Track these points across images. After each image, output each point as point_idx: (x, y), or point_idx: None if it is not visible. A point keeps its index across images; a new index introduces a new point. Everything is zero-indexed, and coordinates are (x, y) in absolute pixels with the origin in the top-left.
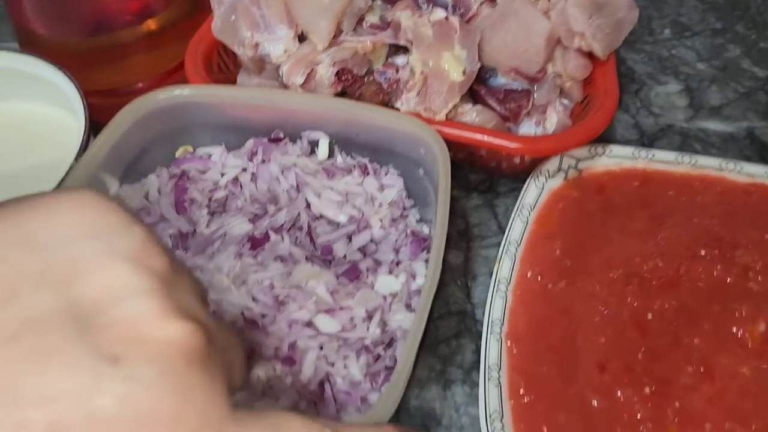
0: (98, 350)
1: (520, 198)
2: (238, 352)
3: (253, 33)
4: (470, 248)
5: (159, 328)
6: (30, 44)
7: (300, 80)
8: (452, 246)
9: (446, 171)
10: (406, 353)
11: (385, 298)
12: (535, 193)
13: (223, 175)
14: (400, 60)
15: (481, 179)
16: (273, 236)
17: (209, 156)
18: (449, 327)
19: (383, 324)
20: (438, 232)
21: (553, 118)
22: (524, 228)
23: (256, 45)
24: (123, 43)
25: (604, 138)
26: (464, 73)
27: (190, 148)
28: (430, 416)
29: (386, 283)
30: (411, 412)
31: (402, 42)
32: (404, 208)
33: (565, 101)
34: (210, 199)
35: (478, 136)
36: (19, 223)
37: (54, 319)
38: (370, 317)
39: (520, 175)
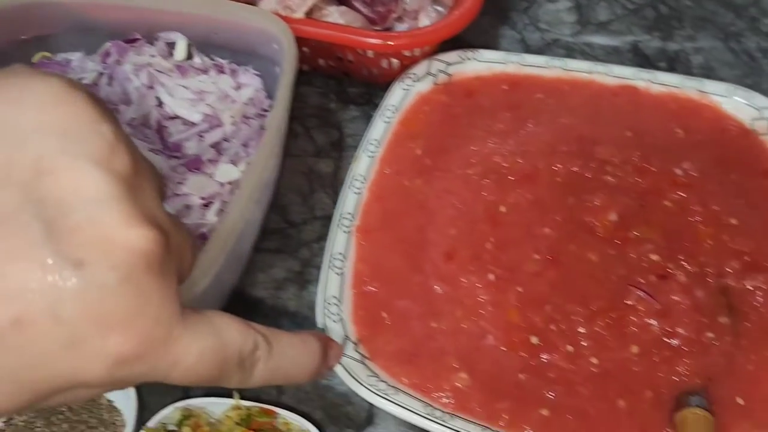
0: (63, 253)
1: (384, 99)
2: (188, 245)
3: None
4: (342, 158)
5: (122, 235)
6: None
7: None
8: (323, 155)
9: (290, 59)
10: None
11: (223, 185)
12: (400, 95)
13: (81, 79)
14: None
15: (360, 92)
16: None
17: (68, 61)
18: (312, 231)
19: (222, 213)
20: (276, 113)
21: (426, 24)
22: (386, 128)
23: None
24: None
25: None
26: None
27: (48, 54)
28: (285, 314)
29: (226, 171)
30: (266, 311)
31: None
32: (264, 108)
33: (438, 8)
34: None
35: (332, 32)
36: None
37: (19, 218)
38: (207, 205)
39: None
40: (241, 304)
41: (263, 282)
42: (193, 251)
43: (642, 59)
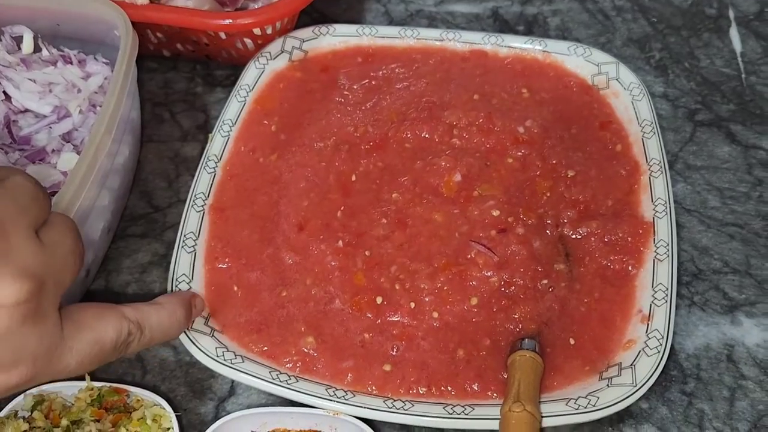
0: None
1: (239, 79)
2: (72, 258)
3: None
4: (207, 140)
5: None
6: None
7: None
8: (189, 139)
9: (127, 44)
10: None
11: (64, 174)
12: (255, 74)
13: None
14: None
15: (227, 74)
16: None
17: None
18: (177, 214)
19: None
20: (109, 100)
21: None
22: (241, 107)
23: None
24: None
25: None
26: None
27: None
28: (151, 297)
29: (67, 159)
30: (129, 297)
31: None
32: None
33: None
34: None
35: (172, 15)
36: None
37: None
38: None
39: None
40: (106, 291)
41: (128, 267)
42: (77, 251)
43: (502, 24)
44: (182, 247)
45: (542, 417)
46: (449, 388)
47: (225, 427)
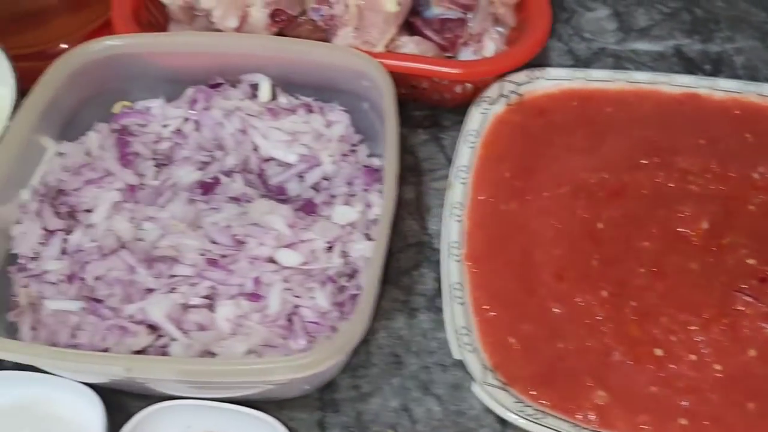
0: None
1: (464, 125)
2: None
3: None
4: (421, 182)
5: None
6: None
7: (234, 23)
8: (404, 182)
9: (390, 97)
10: (370, 277)
11: (343, 227)
12: (479, 119)
13: (165, 126)
14: None
15: (425, 115)
16: (224, 179)
17: (148, 109)
18: (409, 259)
19: (344, 255)
20: (390, 153)
21: (490, 46)
22: (471, 153)
23: None
24: (44, 3)
25: (540, 65)
26: (399, 4)
27: (128, 103)
28: (400, 344)
29: (343, 213)
30: (380, 342)
31: None
32: (353, 144)
33: (500, 29)
34: (154, 152)
35: (420, 65)
36: None
37: None
38: (330, 248)
39: (461, 107)
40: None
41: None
42: None
43: (687, 62)
44: (452, 299)
45: None
46: None
47: None
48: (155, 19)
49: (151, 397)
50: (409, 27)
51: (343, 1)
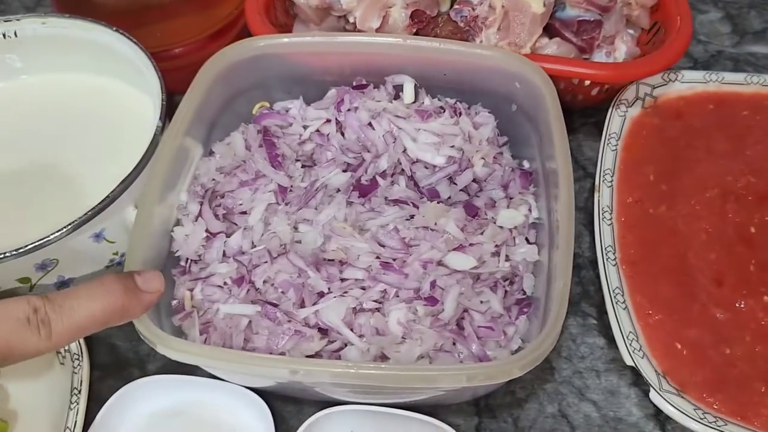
0: None
1: (605, 128)
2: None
3: None
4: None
5: None
6: (71, 5)
7: (376, 24)
8: None
9: (555, 101)
10: (562, 286)
11: (511, 231)
12: (619, 122)
13: (305, 128)
14: None
15: None
16: (382, 182)
17: (287, 110)
18: None
19: (507, 258)
20: (562, 157)
21: (622, 48)
22: (615, 156)
23: None
24: (167, 4)
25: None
26: (544, 4)
27: (267, 104)
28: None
29: (509, 216)
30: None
31: None
32: (499, 146)
33: (630, 30)
34: (299, 153)
35: (577, 68)
36: None
37: None
38: (497, 252)
39: (589, 108)
40: None
41: None
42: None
43: None
44: (616, 304)
45: None
46: None
47: None
48: (281, 19)
49: (304, 402)
50: (545, 28)
51: (487, 3)
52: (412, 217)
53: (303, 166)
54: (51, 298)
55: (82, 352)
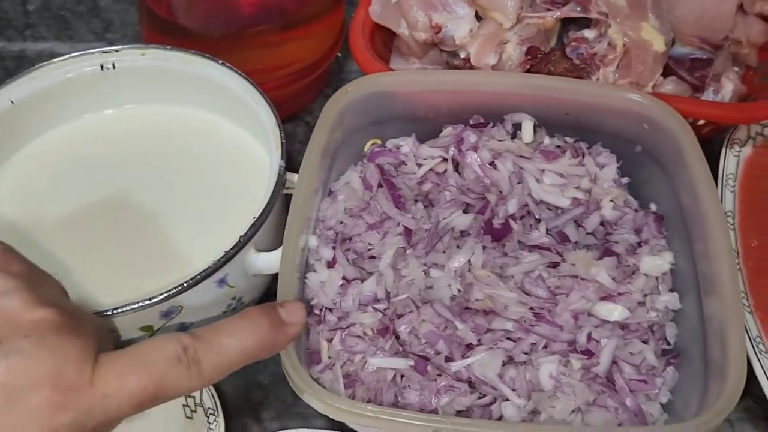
0: None
1: (722, 170)
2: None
3: (430, 14)
4: None
5: (28, 312)
6: (159, 34)
7: (493, 60)
8: None
9: (695, 144)
10: (739, 339)
11: (657, 279)
12: (734, 162)
13: (419, 166)
14: (587, 33)
15: None
16: (515, 226)
17: (398, 147)
18: None
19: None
20: (711, 204)
21: (728, 86)
22: (734, 198)
23: (436, 26)
24: (259, 39)
25: None
26: (665, 43)
27: (379, 141)
28: None
29: (653, 264)
30: None
31: (593, 15)
32: (619, 186)
33: (735, 68)
34: (414, 192)
35: (709, 110)
36: None
37: None
38: (643, 302)
39: None
40: None
41: None
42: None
43: None
44: (760, 353)
45: None
46: None
47: None
48: (380, 52)
49: None
50: None
51: (606, 40)
52: (553, 263)
53: (424, 207)
54: (199, 335)
55: (217, 407)
